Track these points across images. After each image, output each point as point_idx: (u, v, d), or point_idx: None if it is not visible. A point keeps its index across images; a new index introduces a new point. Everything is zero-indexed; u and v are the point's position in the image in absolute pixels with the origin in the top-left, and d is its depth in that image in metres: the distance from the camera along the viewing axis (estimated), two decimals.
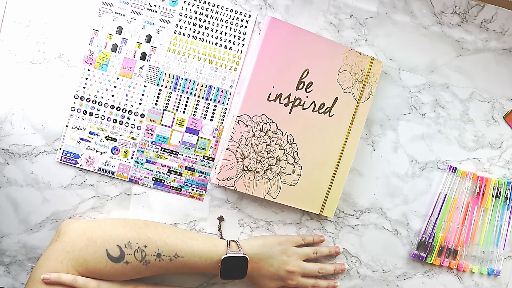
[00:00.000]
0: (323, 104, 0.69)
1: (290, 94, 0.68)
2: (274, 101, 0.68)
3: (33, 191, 0.68)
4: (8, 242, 0.68)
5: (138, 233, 0.62)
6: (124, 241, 0.61)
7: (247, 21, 0.69)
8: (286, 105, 0.68)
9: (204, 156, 0.70)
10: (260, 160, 0.68)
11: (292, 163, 0.69)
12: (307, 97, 0.68)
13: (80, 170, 0.69)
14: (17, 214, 0.68)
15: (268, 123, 0.68)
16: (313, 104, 0.69)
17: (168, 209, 0.70)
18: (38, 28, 0.67)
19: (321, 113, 0.69)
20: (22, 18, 0.67)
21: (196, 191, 0.71)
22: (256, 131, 0.68)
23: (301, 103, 0.68)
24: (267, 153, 0.68)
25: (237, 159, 0.67)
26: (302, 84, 0.68)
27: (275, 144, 0.68)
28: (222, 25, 0.69)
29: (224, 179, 0.67)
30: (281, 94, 0.68)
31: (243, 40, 0.69)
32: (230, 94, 0.70)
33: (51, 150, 0.68)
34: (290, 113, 0.68)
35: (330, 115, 0.69)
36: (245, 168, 0.68)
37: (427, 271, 0.75)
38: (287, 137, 0.68)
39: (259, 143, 0.68)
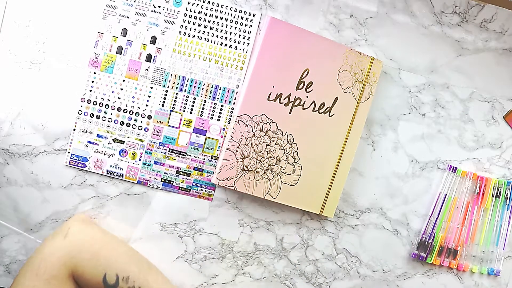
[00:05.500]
0: (323, 104, 0.69)
1: (290, 94, 0.68)
2: (274, 101, 0.68)
3: (33, 191, 0.68)
4: (8, 242, 0.68)
5: (140, 271, 0.62)
6: (124, 273, 0.61)
7: (251, 20, 0.69)
8: (286, 105, 0.68)
9: (212, 156, 0.70)
10: (260, 160, 0.68)
11: (292, 163, 0.69)
12: (307, 97, 0.68)
13: (80, 170, 0.69)
14: (17, 214, 0.68)
15: (268, 123, 0.68)
16: (313, 104, 0.69)
17: (168, 209, 0.70)
18: (38, 28, 0.67)
19: (321, 113, 0.69)
20: (22, 18, 0.67)
21: (205, 191, 0.71)
22: (256, 131, 0.68)
23: (301, 103, 0.68)
24: (267, 153, 0.68)
25: (237, 159, 0.67)
26: (302, 84, 0.68)
27: (275, 144, 0.68)
28: (226, 25, 0.69)
29: (224, 179, 0.67)
30: (281, 94, 0.68)
31: (248, 39, 0.69)
32: (236, 93, 0.70)
33: (51, 150, 0.68)
34: (290, 113, 0.68)
35: (330, 115, 0.69)
36: (245, 168, 0.68)
37: (427, 271, 0.75)
38: (287, 137, 0.68)
39: (259, 143, 0.68)
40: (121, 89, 0.68)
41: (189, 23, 0.68)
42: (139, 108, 0.69)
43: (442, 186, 0.73)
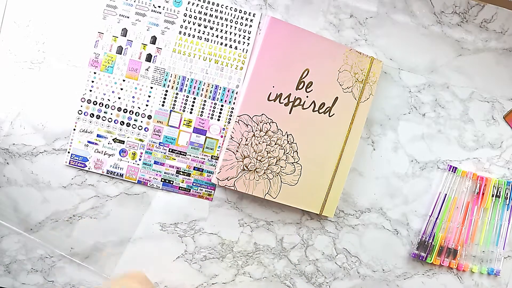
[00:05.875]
0: (323, 104, 0.69)
1: (290, 94, 0.68)
2: (274, 101, 0.68)
3: (33, 191, 0.68)
4: (8, 242, 0.68)
5: None
6: None
7: (251, 20, 0.69)
8: (286, 105, 0.68)
9: (212, 156, 0.70)
10: (260, 160, 0.68)
11: (292, 163, 0.69)
12: (307, 97, 0.68)
13: (80, 170, 0.69)
14: (17, 214, 0.68)
15: (268, 123, 0.68)
16: (313, 104, 0.69)
17: (169, 209, 0.70)
18: (38, 28, 0.67)
19: (321, 113, 0.69)
20: (22, 18, 0.67)
21: (205, 191, 0.71)
22: (256, 131, 0.68)
23: (301, 103, 0.68)
24: (267, 153, 0.68)
25: (237, 159, 0.67)
26: (302, 84, 0.68)
27: (275, 144, 0.68)
28: (226, 25, 0.69)
29: (224, 179, 0.67)
30: (281, 94, 0.68)
31: (248, 39, 0.69)
32: (236, 93, 0.70)
33: (51, 150, 0.68)
34: (290, 113, 0.68)
35: (330, 115, 0.69)
36: (245, 168, 0.68)
37: (427, 271, 0.75)
38: (287, 137, 0.68)
39: (259, 143, 0.68)
40: (121, 89, 0.68)
41: (189, 23, 0.68)
42: (139, 108, 0.69)
43: (442, 186, 0.73)
